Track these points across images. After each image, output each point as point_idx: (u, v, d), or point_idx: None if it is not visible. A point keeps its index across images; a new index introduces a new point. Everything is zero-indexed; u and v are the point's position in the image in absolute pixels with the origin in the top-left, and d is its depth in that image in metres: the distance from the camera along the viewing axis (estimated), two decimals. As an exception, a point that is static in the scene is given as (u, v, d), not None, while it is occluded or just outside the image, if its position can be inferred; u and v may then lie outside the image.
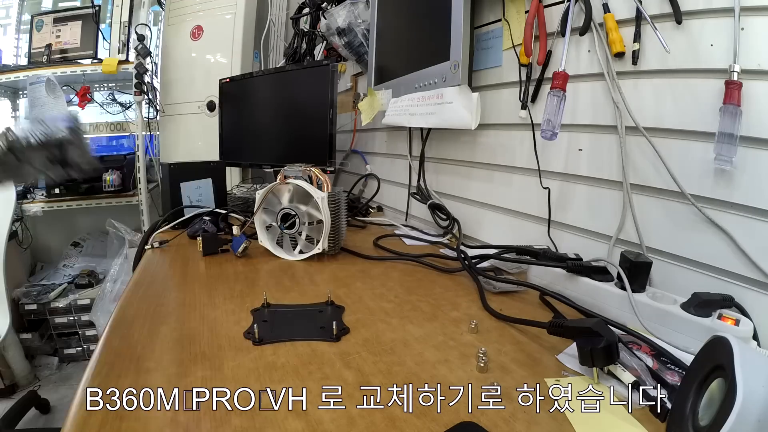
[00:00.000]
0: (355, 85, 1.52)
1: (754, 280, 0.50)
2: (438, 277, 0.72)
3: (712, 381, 0.31)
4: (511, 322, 0.53)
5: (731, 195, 0.52)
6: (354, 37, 1.33)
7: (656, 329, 0.50)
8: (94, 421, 0.33)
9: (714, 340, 0.33)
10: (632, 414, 0.36)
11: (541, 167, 0.76)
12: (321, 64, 1.22)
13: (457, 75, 0.81)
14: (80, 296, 1.97)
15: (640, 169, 0.62)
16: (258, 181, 1.76)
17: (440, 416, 0.35)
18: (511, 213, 0.86)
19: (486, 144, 0.91)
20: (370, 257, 0.82)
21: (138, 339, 0.48)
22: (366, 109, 1.21)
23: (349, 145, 1.53)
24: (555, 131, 0.65)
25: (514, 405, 0.37)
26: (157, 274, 0.77)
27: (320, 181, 0.79)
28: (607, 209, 0.66)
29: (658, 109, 0.59)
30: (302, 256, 0.81)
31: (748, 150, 0.50)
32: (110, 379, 0.39)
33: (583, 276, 0.60)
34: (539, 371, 0.43)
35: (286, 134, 1.36)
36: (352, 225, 1.12)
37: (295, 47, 1.82)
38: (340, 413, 0.35)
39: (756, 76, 0.49)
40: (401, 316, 0.55)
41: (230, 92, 1.56)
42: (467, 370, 0.42)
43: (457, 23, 0.80)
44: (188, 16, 2.15)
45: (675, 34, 0.56)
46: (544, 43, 0.73)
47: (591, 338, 0.41)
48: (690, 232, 0.56)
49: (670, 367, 0.43)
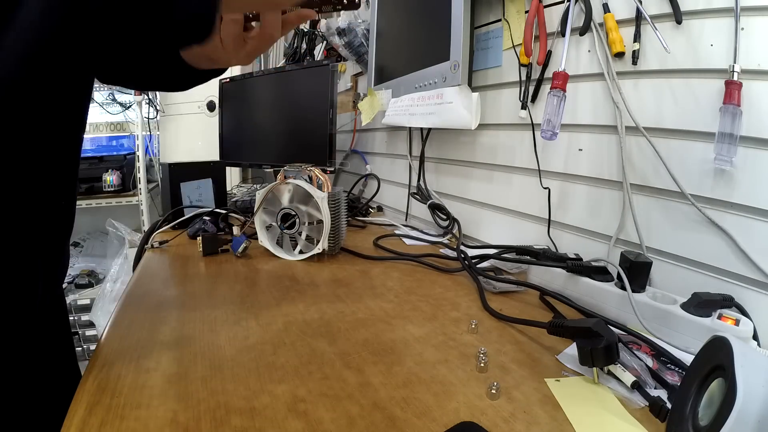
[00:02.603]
0: (355, 85, 1.52)
1: (754, 280, 0.50)
2: (438, 277, 0.72)
3: (712, 381, 0.31)
4: (511, 322, 0.53)
5: (731, 195, 0.52)
6: (354, 37, 1.33)
7: (656, 329, 0.50)
8: (94, 421, 0.33)
9: (714, 340, 0.33)
10: (632, 414, 0.36)
11: (541, 167, 0.76)
12: (321, 64, 1.22)
13: (457, 75, 0.81)
14: (80, 296, 1.97)
15: (639, 169, 0.62)
16: (258, 181, 1.76)
17: (440, 416, 0.35)
18: (511, 213, 0.86)
19: (486, 144, 0.91)
20: (370, 257, 0.82)
21: (138, 339, 0.48)
22: (366, 109, 1.21)
23: (349, 145, 1.53)
24: (555, 131, 0.65)
25: (514, 405, 0.37)
26: (157, 274, 0.77)
27: (320, 181, 0.79)
28: (607, 209, 0.66)
29: (658, 109, 0.59)
30: (302, 256, 0.81)
31: (748, 150, 0.50)
32: (110, 380, 0.39)
33: (583, 276, 0.60)
34: (539, 371, 0.43)
35: (286, 134, 1.36)
36: (352, 225, 1.12)
37: (295, 47, 1.82)
38: (340, 413, 0.35)
39: (756, 76, 0.49)
40: (401, 316, 0.55)
41: (230, 92, 1.56)
42: (467, 370, 0.42)
43: (457, 23, 0.80)
44: (188, 16, 2.15)
45: (675, 34, 0.56)
46: (544, 43, 0.73)
47: (591, 338, 0.41)
48: (690, 232, 0.56)
49: (670, 367, 0.43)
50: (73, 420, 0.33)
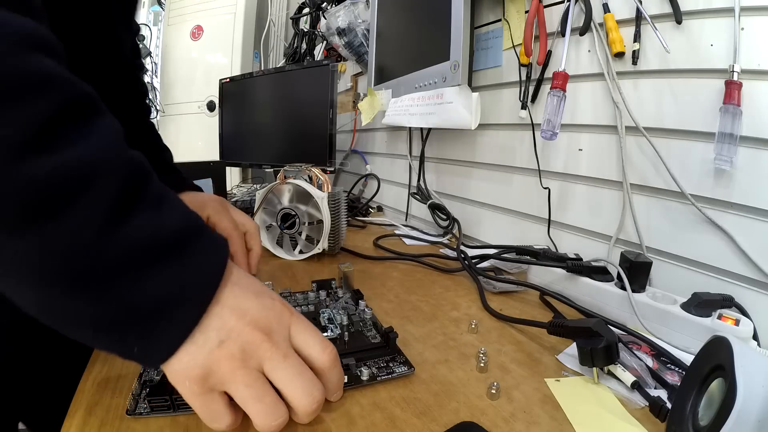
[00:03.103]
0: (355, 85, 1.52)
1: (754, 280, 0.50)
2: (438, 277, 0.72)
3: (712, 381, 0.31)
4: (511, 322, 0.53)
5: (731, 195, 0.52)
6: (354, 37, 1.33)
7: (656, 329, 0.50)
8: (94, 421, 0.33)
9: (714, 340, 0.33)
10: (632, 414, 0.36)
11: (541, 167, 0.76)
12: (321, 64, 1.22)
13: (457, 75, 0.81)
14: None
15: (640, 169, 0.62)
16: (258, 181, 1.76)
17: (440, 416, 0.35)
18: (511, 213, 0.86)
19: (486, 144, 0.91)
20: (370, 257, 0.82)
21: (138, 339, 0.48)
22: (366, 109, 1.21)
23: (349, 145, 1.53)
24: (555, 131, 0.65)
25: (514, 405, 0.37)
26: (157, 274, 0.77)
27: (320, 181, 0.79)
28: (607, 209, 0.66)
29: (658, 109, 0.59)
30: (302, 256, 0.81)
31: (748, 150, 0.50)
32: (110, 380, 0.39)
33: (583, 276, 0.60)
34: (539, 371, 0.43)
35: (286, 134, 1.36)
36: (352, 225, 1.12)
37: (295, 47, 1.82)
38: (341, 413, 0.35)
39: (756, 76, 0.49)
40: (401, 316, 0.55)
41: (230, 92, 1.56)
42: (467, 370, 0.42)
43: (457, 23, 0.80)
44: (188, 16, 2.16)
45: (675, 34, 0.56)
46: (544, 43, 0.73)
47: (591, 338, 0.41)
48: (690, 232, 0.56)
49: (670, 367, 0.43)
50: (73, 420, 0.33)
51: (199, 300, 0.29)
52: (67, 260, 0.24)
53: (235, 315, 0.30)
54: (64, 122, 0.24)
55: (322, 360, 0.32)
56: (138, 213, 0.27)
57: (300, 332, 0.33)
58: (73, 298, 0.25)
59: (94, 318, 0.26)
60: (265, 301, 0.32)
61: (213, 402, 0.29)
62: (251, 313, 0.31)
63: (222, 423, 0.30)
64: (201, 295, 0.29)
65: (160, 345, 0.28)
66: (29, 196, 0.23)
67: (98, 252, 0.25)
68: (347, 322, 0.47)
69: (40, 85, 0.24)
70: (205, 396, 0.29)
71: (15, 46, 0.23)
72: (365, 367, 0.39)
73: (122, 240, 0.26)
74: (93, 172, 0.25)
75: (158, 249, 0.27)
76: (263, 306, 0.32)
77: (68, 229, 0.24)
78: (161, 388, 0.35)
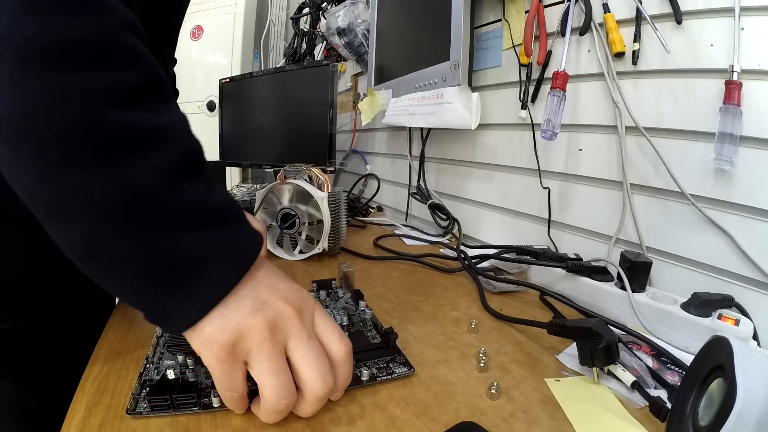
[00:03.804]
0: (355, 85, 1.52)
1: (754, 280, 0.50)
2: (438, 277, 0.72)
3: (712, 381, 0.31)
4: (511, 322, 0.53)
5: (731, 195, 0.52)
6: (354, 37, 1.33)
7: (656, 329, 0.50)
8: (94, 421, 0.33)
9: (714, 340, 0.33)
10: (632, 414, 0.36)
11: (541, 167, 0.76)
12: (321, 64, 1.22)
13: (457, 75, 0.81)
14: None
15: (640, 169, 0.62)
16: (258, 181, 1.76)
17: (440, 416, 0.35)
18: (511, 213, 0.86)
19: (486, 144, 0.91)
20: (370, 257, 0.82)
21: (138, 339, 0.48)
22: (366, 109, 1.21)
23: (349, 145, 1.53)
24: (555, 131, 0.65)
25: (514, 405, 0.37)
26: (157, 274, 0.77)
27: (320, 181, 0.79)
28: (607, 209, 0.66)
29: (658, 109, 0.59)
30: (302, 256, 0.81)
31: (748, 150, 0.50)
32: (110, 380, 0.39)
33: (583, 276, 0.60)
34: (539, 371, 0.43)
35: (286, 134, 1.36)
36: (352, 225, 1.12)
37: (295, 47, 1.82)
38: (341, 413, 0.35)
39: (756, 76, 0.49)
40: (401, 316, 0.55)
41: (230, 92, 1.56)
42: (467, 370, 0.42)
43: (457, 23, 0.80)
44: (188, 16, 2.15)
45: (675, 34, 0.56)
46: (544, 43, 0.73)
47: (591, 338, 0.41)
48: (690, 232, 0.56)
49: (670, 367, 0.43)
50: (73, 420, 0.33)
51: (238, 265, 0.31)
52: (129, 195, 0.26)
53: (269, 290, 0.32)
54: (146, 93, 0.29)
55: (338, 349, 0.34)
56: (193, 183, 0.30)
57: (322, 320, 0.35)
58: (124, 238, 0.27)
59: (137, 263, 0.28)
60: (294, 286, 0.35)
61: (235, 371, 0.30)
62: (284, 292, 0.33)
63: (236, 393, 0.31)
64: (240, 260, 0.31)
65: (197, 301, 0.29)
66: (112, 134, 0.26)
67: (157, 197, 0.27)
68: (347, 323, 0.47)
69: (130, 59, 0.28)
70: (229, 364, 0.30)
71: (117, 25, 0.27)
72: (365, 368, 0.39)
73: (179, 195, 0.29)
74: (169, 134, 0.29)
75: (207, 215, 0.30)
76: (293, 289, 0.34)
77: (138, 169, 0.27)
78: (161, 388, 0.35)
